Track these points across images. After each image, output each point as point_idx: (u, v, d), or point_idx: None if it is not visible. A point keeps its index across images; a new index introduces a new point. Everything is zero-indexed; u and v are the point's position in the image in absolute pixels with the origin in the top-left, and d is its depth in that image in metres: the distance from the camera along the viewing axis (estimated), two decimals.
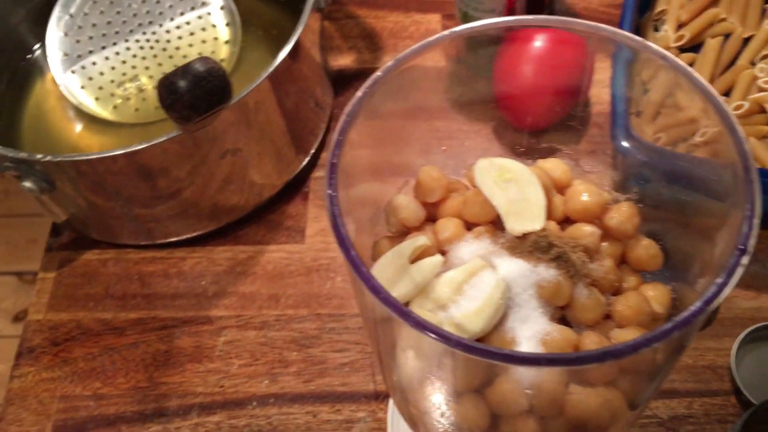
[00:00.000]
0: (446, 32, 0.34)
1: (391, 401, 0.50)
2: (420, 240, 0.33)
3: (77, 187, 0.53)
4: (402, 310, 0.24)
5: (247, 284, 0.56)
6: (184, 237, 0.58)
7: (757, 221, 0.24)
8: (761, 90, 0.58)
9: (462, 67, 0.40)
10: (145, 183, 0.53)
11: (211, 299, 0.56)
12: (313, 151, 0.62)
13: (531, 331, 0.31)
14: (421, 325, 0.24)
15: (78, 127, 0.62)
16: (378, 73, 0.31)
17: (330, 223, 0.27)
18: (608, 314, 0.33)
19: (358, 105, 0.30)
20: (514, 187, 0.34)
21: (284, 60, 0.53)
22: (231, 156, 0.54)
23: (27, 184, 0.51)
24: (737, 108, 0.57)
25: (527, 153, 0.40)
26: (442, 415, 0.33)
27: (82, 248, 0.59)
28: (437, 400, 0.32)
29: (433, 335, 0.24)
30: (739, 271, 0.24)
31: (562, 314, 0.32)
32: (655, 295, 0.33)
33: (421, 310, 0.31)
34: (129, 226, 0.57)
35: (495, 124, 0.43)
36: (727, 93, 0.59)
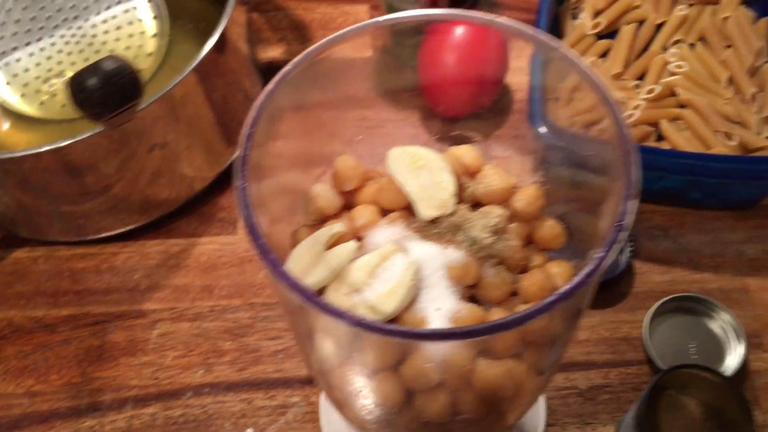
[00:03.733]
0: (365, 22, 0.34)
1: None
2: (335, 227, 0.34)
3: (4, 186, 0.52)
4: (310, 296, 0.25)
5: (180, 277, 0.57)
6: (115, 232, 0.58)
7: (633, 202, 0.26)
8: (672, 74, 0.60)
9: (388, 57, 0.41)
10: (72, 179, 0.53)
11: (144, 293, 0.56)
12: None
13: (442, 310, 0.33)
14: (329, 310, 0.25)
15: (5, 126, 0.62)
16: (288, 67, 0.32)
17: (241, 213, 0.28)
18: (515, 291, 0.35)
19: (268, 98, 0.31)
20: (426, 174, 0.35)
21: (209, 53, 0.53)
22: (159, 150, 0.54)
23: None
24: (650, 92, 0.59)
25: (443, 140, 0.41)
26: (363, 395, 0.34)
27: (11, 246, 0.59)
28: (356, 381, 0.34)
29: (341, 319, 0.25)
30: (617, 246, 0.26)
31: (471, 293, 0.34)
32: (559, 272, 0.35)
33: (336, 294, 0.32)
34: (58, 224, 0.57)
35: (421, 112, 0.44)
36: (641, 77, 0.62)
